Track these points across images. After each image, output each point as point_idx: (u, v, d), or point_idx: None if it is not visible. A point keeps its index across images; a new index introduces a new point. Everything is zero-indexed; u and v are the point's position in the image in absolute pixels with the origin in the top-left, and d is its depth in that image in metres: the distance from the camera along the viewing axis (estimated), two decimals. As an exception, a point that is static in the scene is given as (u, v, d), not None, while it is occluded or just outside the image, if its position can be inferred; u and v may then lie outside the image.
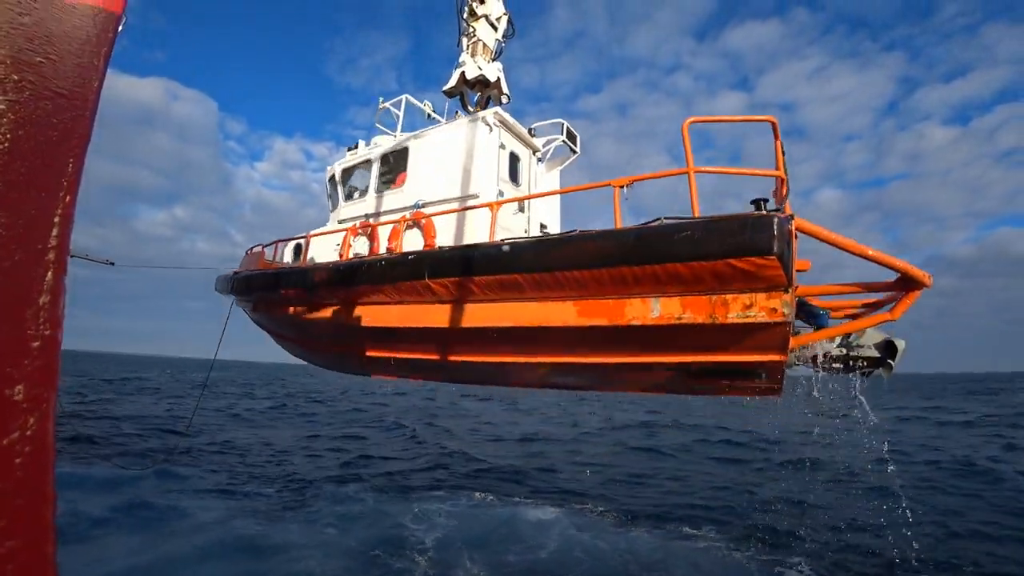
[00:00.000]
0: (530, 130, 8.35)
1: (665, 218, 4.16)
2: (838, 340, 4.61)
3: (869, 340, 4.56)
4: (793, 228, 3.79)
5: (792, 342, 4.26)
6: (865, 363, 4.60)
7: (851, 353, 4.56)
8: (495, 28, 8.73)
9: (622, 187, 4.59)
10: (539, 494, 12.22)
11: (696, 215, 4.19)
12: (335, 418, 25.83)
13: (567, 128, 8.71)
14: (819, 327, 4.50)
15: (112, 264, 8.95)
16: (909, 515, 9.33)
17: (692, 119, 4.41)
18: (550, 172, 8.66)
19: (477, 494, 12.13)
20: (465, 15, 8.37)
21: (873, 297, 4.79)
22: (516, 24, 8.82)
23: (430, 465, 15.04)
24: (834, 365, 4.69)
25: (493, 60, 8.68)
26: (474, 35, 8.46)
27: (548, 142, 8.71)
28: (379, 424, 23.90)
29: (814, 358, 4.69)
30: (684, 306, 4.06)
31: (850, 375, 4.81)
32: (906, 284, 4.19)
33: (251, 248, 9.01)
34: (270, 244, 8.15)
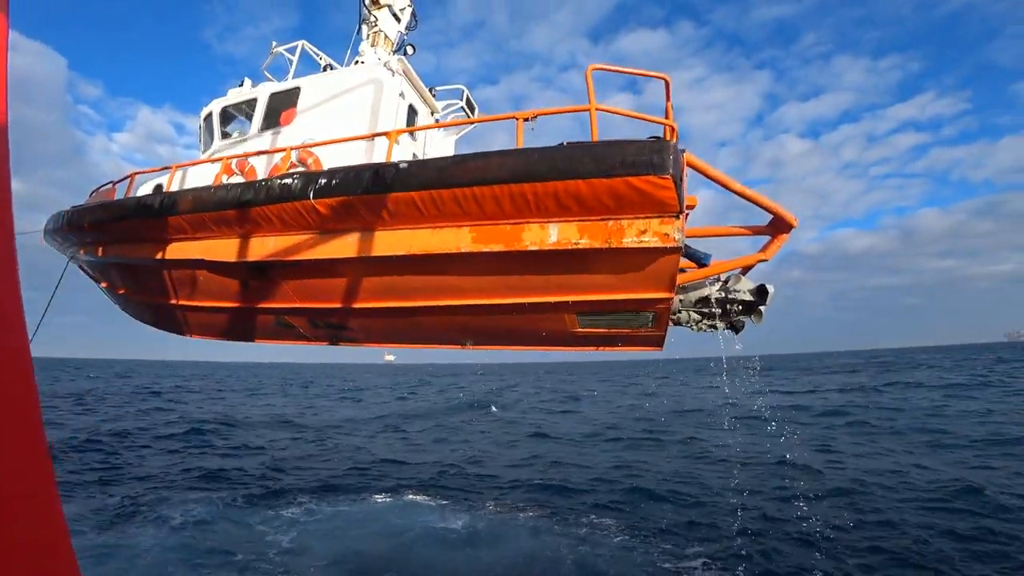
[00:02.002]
0: (431, 89, 8.06)
1: (567, 142, 4.16)
2: (718, 285, 4.88)
3: (744, 286, 4.88)
4: (684, 159, 3.97)
5: (679, 279, 4.43)
6: (740, 307, 4.90)
7: (729, 296, 4.84)
8: (398, 20, 8.43)
9: (526, 120, 4.56)
10: (424, 488, 11.69)
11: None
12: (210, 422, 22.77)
13: (467, 96, 8.54)
14: (702, 267, 4.73)
15: None
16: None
17: (594, 66, 4.57)
18: (446, 139, 8.42)
19: (336, 494, 11.36)
20: (367, 1, 7.97)
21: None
22: (417, 10, 8.61)
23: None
24: (713, 310, 4.94)
25: (394, 52, 8.29)
26: (375, 24, 8.08)
27: (447, 107, 8.46)
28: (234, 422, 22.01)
29: (698, 301, 4.91)
30: (581, 231, 4.04)
31: (724, 327, 5.10)
32: (777, 226, 4.58)
33: (98, 187, 7.57)
34: (123, 179, 6.79)
